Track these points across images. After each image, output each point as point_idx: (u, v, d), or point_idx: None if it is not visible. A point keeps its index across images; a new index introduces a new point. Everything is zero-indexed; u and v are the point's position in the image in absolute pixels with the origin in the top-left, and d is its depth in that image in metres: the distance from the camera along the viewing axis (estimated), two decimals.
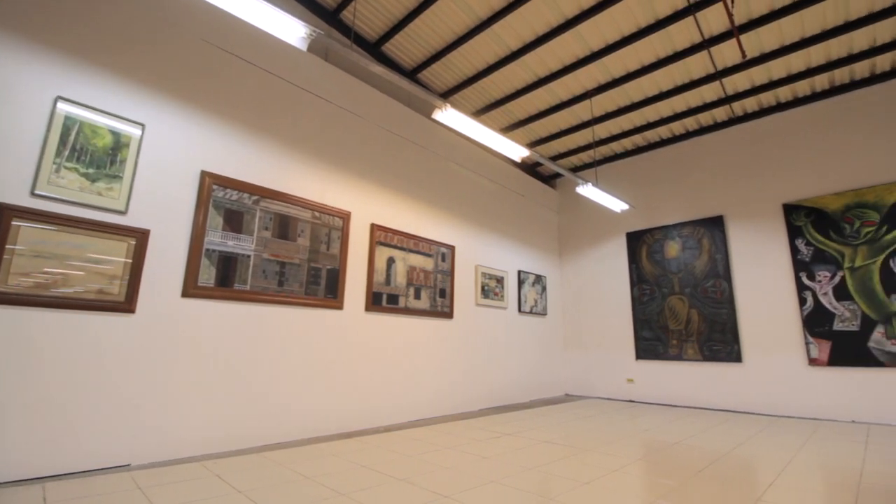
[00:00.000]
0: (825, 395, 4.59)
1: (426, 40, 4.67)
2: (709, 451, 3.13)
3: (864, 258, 4.56)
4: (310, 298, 3.55)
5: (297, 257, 3.52)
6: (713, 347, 5.40)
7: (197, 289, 2.92)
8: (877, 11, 3.94)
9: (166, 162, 2.92)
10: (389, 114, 4.63)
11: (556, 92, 5.35)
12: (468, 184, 5.58)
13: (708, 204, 5.79)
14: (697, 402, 5.43)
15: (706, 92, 5.24)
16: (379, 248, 4.21)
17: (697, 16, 4.11)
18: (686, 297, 5.72)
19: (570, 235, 7.23)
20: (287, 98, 3.71)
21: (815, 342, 4.70)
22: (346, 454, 2.90)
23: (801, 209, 5.02)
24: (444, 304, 4.82)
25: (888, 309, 4.36)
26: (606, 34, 4.41)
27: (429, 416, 4.43)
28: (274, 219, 3.41)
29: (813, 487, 2.31)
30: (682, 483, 2.37)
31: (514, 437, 3.54)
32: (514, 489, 2.23)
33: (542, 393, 6.22)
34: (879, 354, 4.34)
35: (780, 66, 4.73)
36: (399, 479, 2.38)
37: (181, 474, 2.38)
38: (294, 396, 3.35)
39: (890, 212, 4.48)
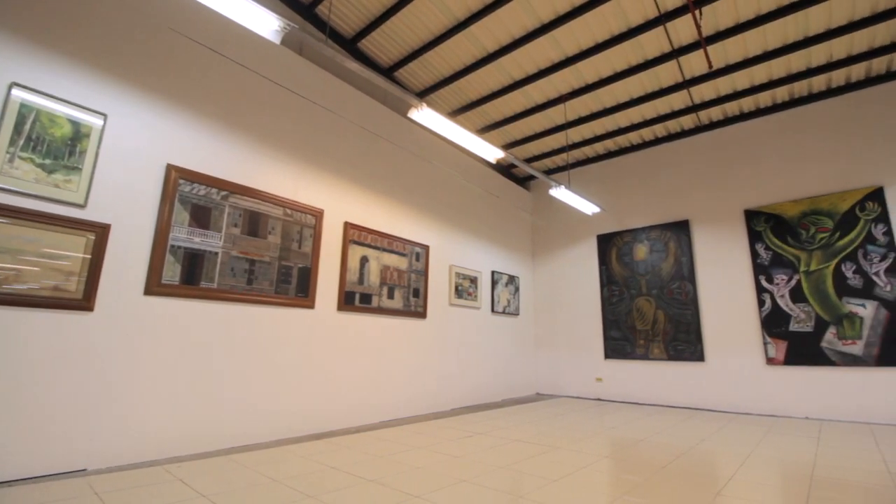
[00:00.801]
0: (781, 392, 4.81)
1: (403, 39, 4.65)
2: (673, 447, 3.23)
3: (818, 262, 4.80)
4: (280, 297, 3.48)
5: (268, 255, 3.44)
6: (678, 347, 5.58)
7: (161, 287, 2.82)
8: (833, 28, 4.16)
9: (129, 154, 2.80)
10: (365, 111, 4.58)
11: (531, 95, 5.41)
12: (444, 184, 5.59)
13: (675, 208, 5.98)
14: (663, 399, 5.60)
15: (674, 100, 5.41)
16: (352, 246, 4.16)
17: (668, 26, 4.23)
18: (653, 299, 5.90)
19: (544, 237, 7.33)
20: (259, 92, 3.62)
21: (773, 342, 4.93)
22: (316, 456, 2.86)
23: (761, 215, 5.24)
24: (418, 304, 4.81)
25: (840, 311, 4.61)
26: (581, 40, 4.49)
27: (401, 416, 4.41)
28: (243, 215, 3.33)
29: (769, 481, 2.42)
30: (646, 479, 2.44)
31: (485, 436, 3.56)
32: (485, 488, 2.25)
33: (514, 392, 6.28)
34: (831, 354, 4.58)
35: (744, 78, 4.94)
36: (369, 479, 2.36)
37: (141, 479, 2.29)
38: (262, 397, 3.28)
39: (842, 219, 4.73)
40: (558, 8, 4.12)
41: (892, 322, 4.32)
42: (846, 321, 4.55)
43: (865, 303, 4.48)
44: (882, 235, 4.49)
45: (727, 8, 4.00)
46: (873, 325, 4.41)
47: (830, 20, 4.08)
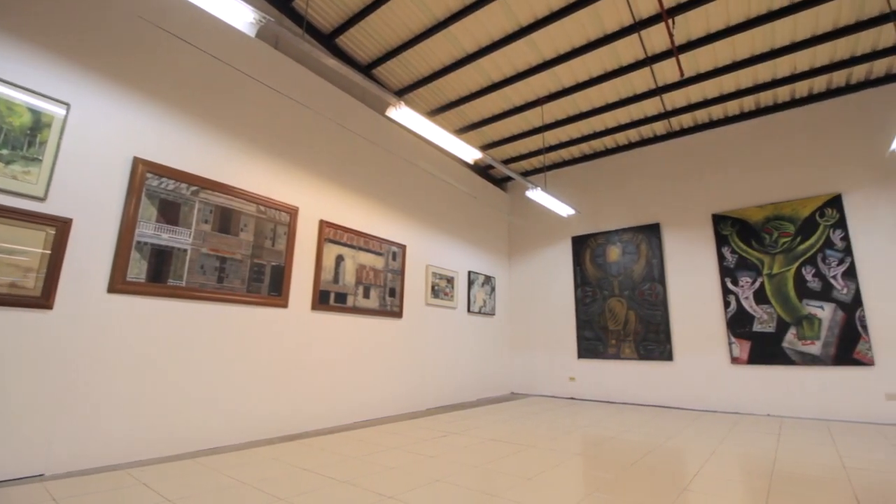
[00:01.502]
0: (745, 390, 4.99)
1: (382, 36, 4.61)
2: (642, 444, 3.31)
3: (780, 266, 5.00)
4: (252, 296, 3.40)
5: (240, 253, 3.37)
6: (648, 347, 5.72)
7: (125, 284, 2.72)
8: (797, 42, 4.34)
9: (94, 146, 2.69)
10: (342, 108, 4.53)
11: (509, 97, 5.46)
12: (421, 183, 5.58)
13: (646, 212, 6.13)
14: (633, 398, 5.73)
15: (647, 106, 5.54)
16: (327, 245, 4.11)
17: (642, 34, 4.34)
18: (625, 300, 6.03)
19: (520, 238, 7.40)
20: (232, 85, 3.54)
21: (737, 342, 5.11)
22: (287, 457, 2.81)
23: (727, 219, 5.43)
24: (394, 304, 4.79)
25: (800, 312, 4.81)
26: (558, 44, 4.56)
27: (375, 416, 4.38)
28: (214, 211, 3.24)
29: (733, 476, 2.51)
30: (617, 475, 2.49)
31: (460, 435, 3.57)
32: (459, 487, 2.25)
33: (489, 392, 6.32)
34: (792, 354, 4.79)
35: (714, 87, 5.10)
36: (342, 481, 2.33)
37: (103, 483, 2.21)
38: (232, 398, 3.20)
39: (803, 224, 4.95)
40: (537, 12, 4.16)
41: (848, 323, 4.54)
42: (805, 322, 4.76)
43: (824, 305, 4.70)
44: (840, 241, 4.71)
45: (698, 18, 4.12)
46: (831, 326, 4.63)
47: (795, 34, 4.25)
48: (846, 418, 4.42)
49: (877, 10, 3.93)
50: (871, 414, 4.32)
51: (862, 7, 3.91)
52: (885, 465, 2.76)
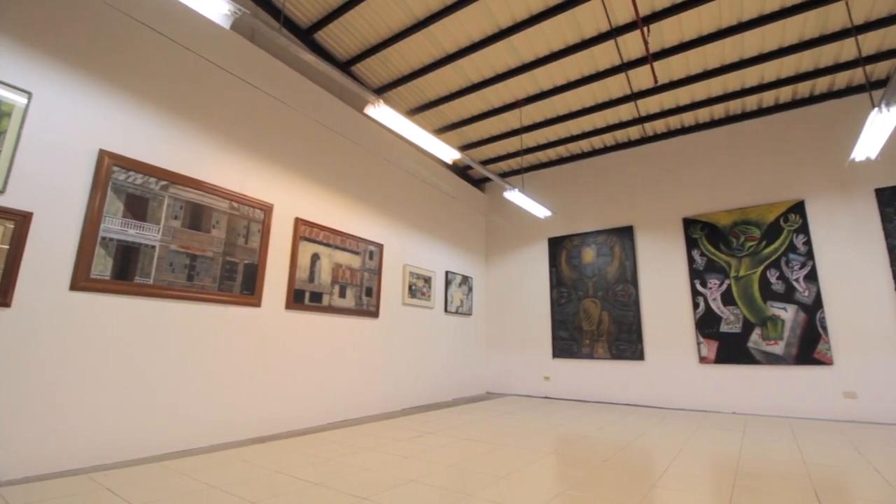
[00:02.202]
0: (712, 389, 5.15)
1: (362, 33, 4.57)
2: (613, 442, 3.37)
3: (746, 269, 5.18)
4: (223, 294, 3.32)
5: (211, 250, 3.28)
6: (620, 347, 5.84)
7: (89, 281, 2.61)
8: (765, 53, 4.51)
9: (57, 137, 2.58)
10: (319, 104, 4.47)
11: (488, 98, 5.49)
12: (399, 183, 5.55)
13: (621, 214, 6.26)
14: (606, 397, 5.84)
15: (623, 111, 5.66)
16: (303, 243, 4.04)
17: (618, 40, 4.42)
18: (599, 300, 6.14)
19: (497, 238, 7.45)
20: (205, 78, 3.44)
21: (705, 342, 5.27)
22: (259, 460, 2.75)
23: (697, 223, 5.60)
24: (370, 304, 4.75)
25: (764, 314, 5.00)
26: (537, 48, 4.61)
27: (350, 417, 4.33)
28: (185, 207, 3.15)
29: (700, 472, 2.58)
30: (589, 473, 2.53)
31: (435, 435, 3.57)
32: (433, 487, 2.25)
33: (465, 391, 6.34)
34: (756, 353, 4.96)
35: (686, 94, 5.25)
36: (314, 483, 2.30)
37: (63, 489, 2.11)
38: (202, 400, 3.11)
39: (769, 229, 5.14)
40: (516, 15, 4.20)
41: (809, 324, 4.74)
42: (769, 323, 4.95)
43: (786, 306, 4.89)
44: (802, 245, 4.92)
45: (672, 27, 4.23)
46: (793, 326, 4.82)
47: (763, 45, 4.41)
48: (806, 415, 4.61)
49: (839, 25, 4.11)
50: (829, 411, 4.52)
51: (826, 22, 4.08)
52: (841, 460, 2.89)
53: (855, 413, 4.40)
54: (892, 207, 4.55)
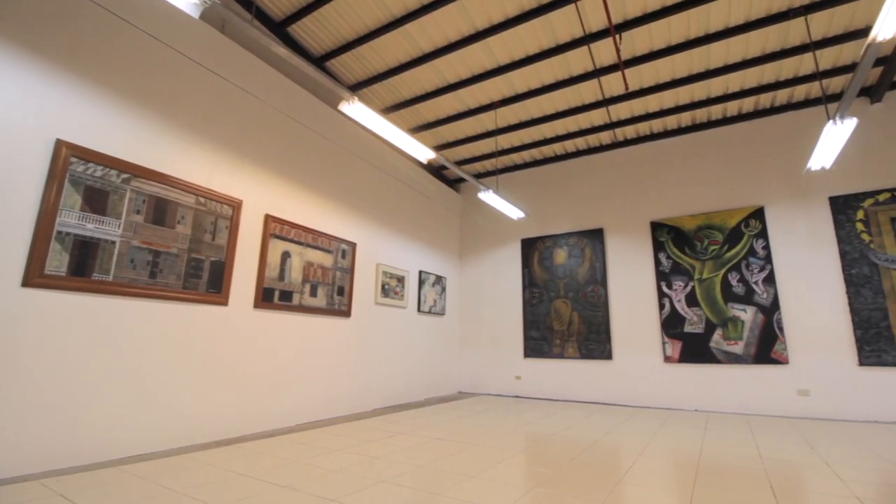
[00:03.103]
0: (676, 388, 5.32)
1: (337, 29, 4.51)
2: (581, 440, 3.44)
3: (709, 271, 5.38)
4: (188, 293, 3.21)
5: (175, 246, 3.17)
6: (590, 346, 5.96)
7: (43, 278, 2.48)
8: (730, 64, 4.69)
9: (9, 125, 2.43)
10: (292, 100, 4.38)
11: (464, 99, 5.50)
12: (373, 181, 5.50)
13: (591, 217, 6.39)
14: (575, 396, 5.95)
15: (594, 116, 5.78)
16: (273, 240, 3.95)
17: (591, 46, 4.51)
18: (569, 301, 6.25)
19: (471, 238, 7.49)
20: (173, 68, 3.32)
21: (670, 342, 5.44)
22: (223, 463, 2.67)
23: (664, 227, 5.77)
24: (342, 303, 4.69)
25: (725, 315, 5.20)
26: (513, 51, 4.65)
27: (320, 418, 4.26)
28: (148, 201, 3.03)
29: (663, 468, 2.66)
30: (557, 471, 2.57)
31: (406, 435, 3.55)
32: (403, 487, 2.24)
33: (437, 391, 6.34)
34: (718, 353, 5.16)
35: (655, 101, 5.40)
36: (282, 485, 2.25)
37: (13, 496, 2.00)
38: (164, 401, 3.00)
39: (731, 233, 5.35)
40: (492, 17, 4.23)
41: (767, 325, 4.96)
42: (730, 324, 5.15)
43: (746, 308, 5.10)
44: (761, 249, 5.14)
45: (643, 36, 4.35)
46: (752, 327, 5.03)
47: (728, 57, 4.59)
48: (763, 412, 4.82)
49: (799, 40, 4.32)
50: (784, 408, 4.74)
51: (786, 37, 4.28)
52: (795, 455, 3.03)
53: (808, 410, 4.63)
54: (844, 215, 4.81)
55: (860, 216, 4.74)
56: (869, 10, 3.91)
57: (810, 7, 3.87)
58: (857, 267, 4.66)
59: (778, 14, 3.99)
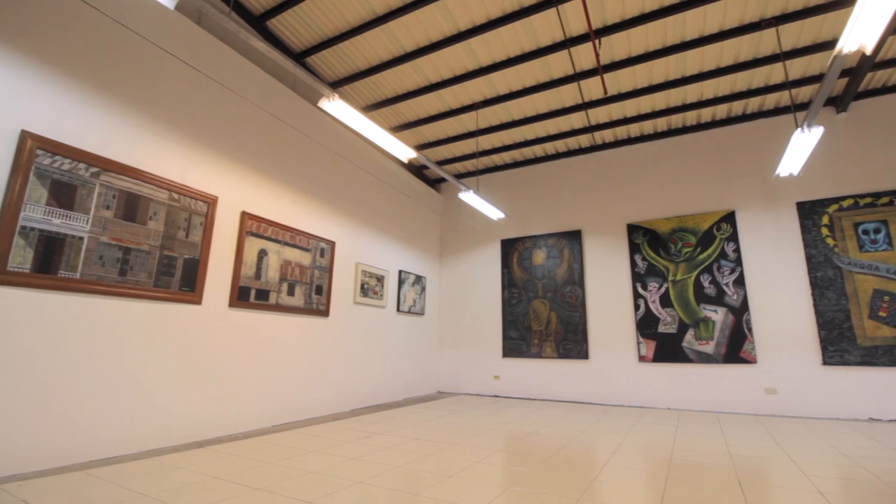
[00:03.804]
0: (649, 386, 5.44)
1: (318, 24, 4.45)
2: (558, 438, 3.48)
3: (682, 273, 5.52)
4: (160, 291, 3.12)
5: (147, 243, 3.08)
6: (567, 346, 6.05)
7: (6, 274, 2.38)
8: (705, 72, 4.81)
9: None
10: (271, 95, 4.30)
11: (445, 99, 5.50)
12: (353, 179, 5.45)
13: (570, 219, 6.48)
14: (552, 395, 6.02)
15: (574, 119, 5.86)
16: (250, 238, 3.88)
17: (572, 50, 4.57)
18: (548, 301, 6.33)
19: (451, 238, 7.50)
20: (147, 60, 3.22)
21: (644, 342, 5.56)
22: (196, 465, 2.61)
23: (640, 229, 5.89)
24: (321, 302, 4.63)
25: (697, 315, 5.34)
26: (494, 53, 4.67)
27: (296, 419, 4.20)
28: (119, 196, 2.93)
29: (637, 465, 2.72)
30: (534, 469, 2.60)
31: (384, 436, 3.54)
32: (381, 488, 2.23)
33: (416, 391, 6.33)
34: (690, 353, 5.29)
35: (632, 106, 5.51)
36: (256, 488, 2.21)
37: None
38: (132, 402, 2.91)
39: (703, 236, 5.50)
40: (475, 18, 4.24)
41: (737, 325, 5.11)
42: (702, 324, 5.29)
43: (717, 309, 5.25)
44: (732, 252, 5.30)
45: (622, 42, 4.43)
46: (722, 328, 5.18)
47: (703, 64, 4.71)
48: (733, 410, 4.97)
49: (770, 50, 4.46)
50: (752, 406, 4.89)
51: (759, 47, 4.42)
52: (762, 451, 3.13)
53: (775, 407, 4.80)
54: (810, 220, 5.00)
55: (825, 221, 4.94)
56: (836, 22, 4.08)
57: (781, 18, 4.01)
58: (821, 270, 4.85)
59: (751, 24, 4.12)
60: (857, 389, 4.51)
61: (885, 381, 4.42)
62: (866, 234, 4.73)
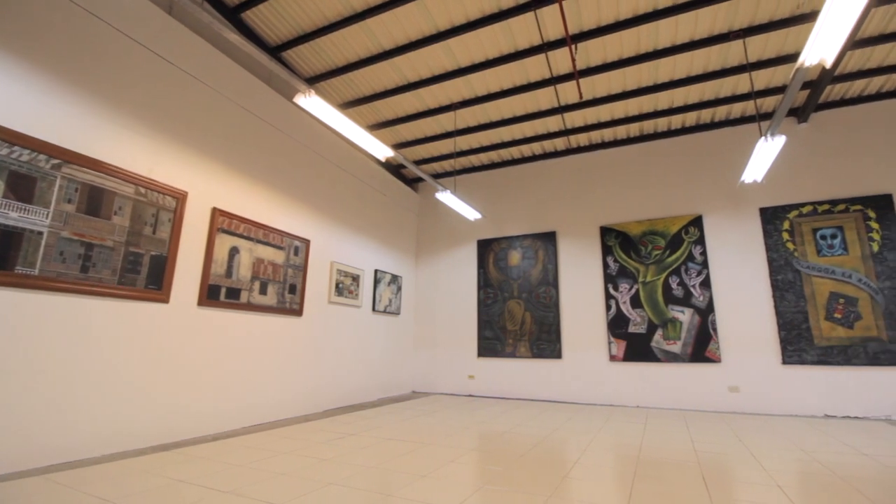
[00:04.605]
0: (620, 385, 5.57)
1: (294, 18, 4.38)
2: (531, 437, 3.53)
3: (652, 275, 5.67)
4: (124, 289, 3.01)
5: (111, 239, 2.96)
6: (541, 346, 6.13)
7: None
8: (676, 80, 4.96)
9: None
10: (245, 89, 4.20)
11: (423, 99, 5.50)
12: (329, 177, 5.38)
13: (545, 220, 6.58)
14: (526, 394, 6.10)
15: (550, 123, 5.95)
16: (221, 235, 3.78)
17: (549, 55, 4.64)
18: (522, 301, 6.40)
19: (428, 238, 7.49)
20: (113, 49, 3.10)
21: (615, 342, 5.69)
22: (161, 469, 2.53)
23: (612, 231, 6.03)
24: (294, 301, 4.56)
25: (665, 316, 5.50)
26: (473, 54, 4.70)
27: (268, 420, 4.12)
28: (81, 190, 2.81)
29: (606, 462, 2.78)
30: (507, 467, 2.62)
31: (357, 436, 3.51)
32: (353, 489, 2.21)
33: (391, 391, 6.30)
34: (658, 352, 5.45)
35: (606, 111, 5.63)
36: (224, 491, 2.16)
37: None
38: (96, 403, 2.80)
39: (672, 239, 5.66)
40: (454, 19, 4.25)
41: (703, 326, 5.29)
42: (670, 325, 5.45)
43: (684, 310, 5.42)
44: (699, 255, 5.48)
45: (597, 48, 4.52)
46: (689, 328, 5.35)
47: (674, 73, 4.86)
48: (698, 408, 5.14)
49: (737, 61, 4.63)
50: (717, 404, 5.07)
51: (727, 57, 4.58)
52: (725, 447, 3.25)
53: (737, 405, 4.99)
54: (772, 225, 5.22)
55: (786, 226, 5.16)
56: (799, 37, 4.27)
57: (749, 30, 4.17)
58: (782, 273, 5.07)
59: (720, 35, 4.27)
60: (814, 387, 4.73)
61: (839, 379, 4.65)
62: (824, 240, 4.97)
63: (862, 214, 4.88)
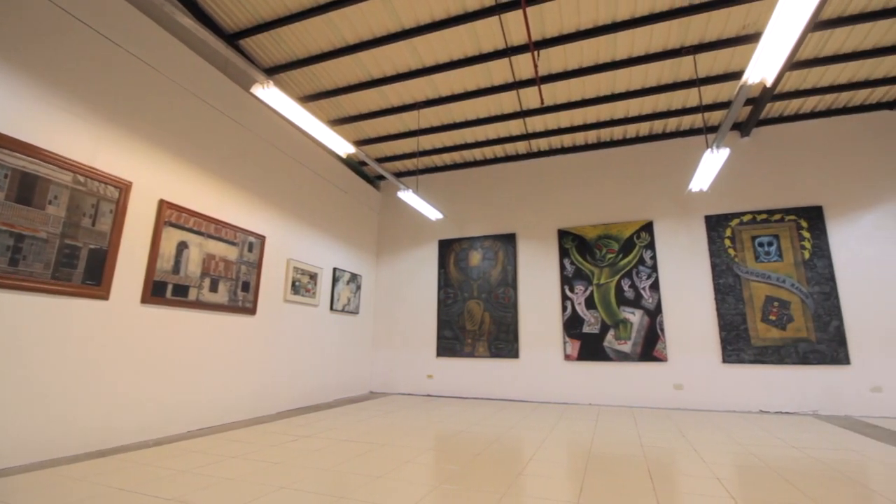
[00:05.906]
0: (574, 384, 5.74)
1: (253, 5, 4.22)
2: (487, 435, 3.57)
3: (606, 277, 5.88)
4: (58, 284, 2.80)
5: (45, 230, 2.75)
6: (499, 345, 6.22)
7: None
8: (631, 91, 5.16)
9: None
10: (198, 76, 4.01)
11: (386, 96, 5.44)
12: (287, 171, 5.23)
13: (505, 222, 6.68)
14: (484, 393, 6.16)
15: (512, 126, 6.05)
16: (168, 229, 3.59)
17: (512, 59, 4.71)
18: (482, 302, 6.47)
19: (389, 237, 7.43)
20: (50, 24, 2.88)
21: (570, 341, 5.85)
22: (98, 476, 2.37)
23: (569, 235, 6.20)
24: (247, 299, 4.40)
25: (617, 317, 5.71)
26: (438, 54, 4.70)
27: (216, 423, 3.95)
28: (11, 176, 2.59)
29: (560, 458, 2.85)
30: (463, 466, 2.64)
31: (311, 438, 3.43)
32: (305, 493, 2.15)
33: (347, 392, 6.20)
34: (610, 352, 5.65)
35: (566, 118, 5.79)
36: (167, 499, 2.05)
37: None
38: (25, 407, 2.58)
39: (625, 243, 5.89)
40: (419, 17, 4.24)
41: (651, 327, 5.53)
42: (621, 325, 5.67)
43: (635, 311, 5.65)
44: (649, 259, 5.73)
45: (559, 56, 4.64)
46: (639, 328, 5.59)
47: (630, 84, 5.06)
48: (646, 405, 5.38)
49: (688, 75, 4.88)
50: (663, 401, 5.32)
51: (678, 72, 4.82)
52: (669, 442, 3.41)
53: (682, 402, 5.25)
54: (716, 231, 5.54)
55: (728, 233, 5.49)
56: (744, 56, 4.55)
57: (699, 47, 4.40)
58: (724, 277, 5.39)
59: (673, 50, 4.48)
60: (750, 385, 5.06)
61: (773, 377, 5.00)
62: (761, 247, 5.33)
63: (795, 224, 5.27)
